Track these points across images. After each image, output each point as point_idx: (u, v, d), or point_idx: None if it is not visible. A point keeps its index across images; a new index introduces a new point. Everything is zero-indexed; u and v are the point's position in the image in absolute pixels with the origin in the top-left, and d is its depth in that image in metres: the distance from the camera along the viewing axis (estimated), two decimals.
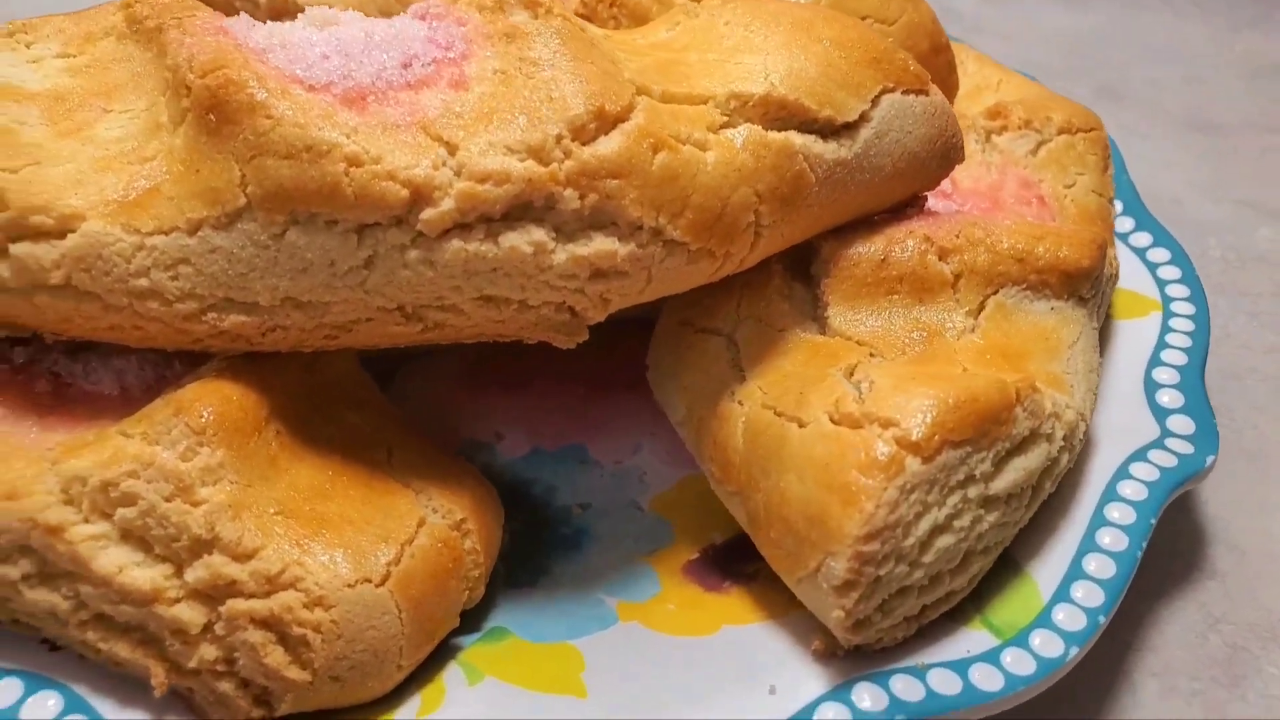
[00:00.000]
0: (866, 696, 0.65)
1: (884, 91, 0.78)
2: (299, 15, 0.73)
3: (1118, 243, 1.03)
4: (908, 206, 0.84)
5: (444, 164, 0.63)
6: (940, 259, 0.80)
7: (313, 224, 0.63)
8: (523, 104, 0.65)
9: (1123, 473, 0.81)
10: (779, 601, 0.74)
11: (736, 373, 0.78)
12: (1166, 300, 0.99)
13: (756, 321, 0.80)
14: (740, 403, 0.76)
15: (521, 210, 0.64)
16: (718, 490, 0.78)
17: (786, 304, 0.80)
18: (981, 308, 0.80)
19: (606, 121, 0.66)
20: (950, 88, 1.01)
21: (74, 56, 0.77)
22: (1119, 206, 1.07)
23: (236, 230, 0.63)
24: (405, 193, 0.62)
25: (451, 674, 0.69)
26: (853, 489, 0.64)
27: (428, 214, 0.63)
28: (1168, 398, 0.88)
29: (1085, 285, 0.82)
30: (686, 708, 0.66)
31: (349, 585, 0.62)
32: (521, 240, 0.64)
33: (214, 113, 0.63)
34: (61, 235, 0.64)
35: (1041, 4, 1.88)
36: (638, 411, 0.92)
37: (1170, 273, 1.02)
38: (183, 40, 0.68)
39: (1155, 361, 0.92)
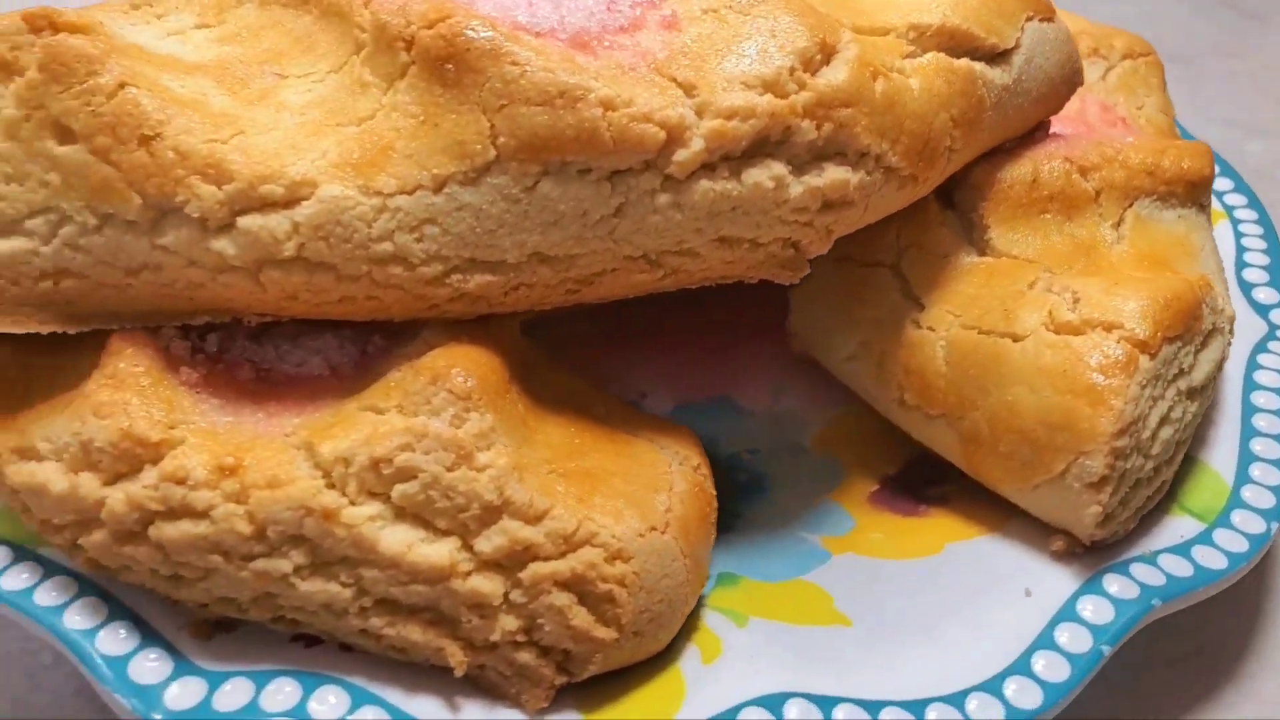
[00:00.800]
0: (1116, 585, 0.69)
1: (1028, 19, 0.81)
2: None
3: None
4: (1036, 132, 0.88)
5: (685, 104, 0.62)
6: (1083, 176, 0.84)
7: (565, 173, 0.61)
8: (745, 40, 0.65)
9: (1253, 364, 0.87)
10: (988, 516, 0.77)
11: (912, 301, 0.80)
12: (1229, 209, 1.06)
13: (919, 250, 0.82)
14: (931, 329, 0.78)
15: (759, 145, 0.64)
16: (910, 418, 0.79)
17: (945, 230, 0.83)
18: (1121, 220, 0.84)
19: (829, 52, 0.66)
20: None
21: (212, 27, 0.72)
22: None
23: (485, 184, 0.61)
24: (662, 134, 0.61)
25: (713, 620, 0.68)
26: (1099, 390, 0.67)
27: (680, 155, 0.62)
28: (1263, 295, 0.94)
29: (1205, 193, 0.88)
30: (956, 621, 0.68)
31: (640, 535, 0.61)
32: (764, 175, 0.64)
33: (451, 62, 0.60)
34: (292, 204, 0.60)
35: None
36: (768, 357, 0.93)
37: (1224, 183, 1.09)
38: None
39: (1241, 264, 0.98)
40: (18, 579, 0.65)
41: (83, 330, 0.65)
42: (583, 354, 0.94)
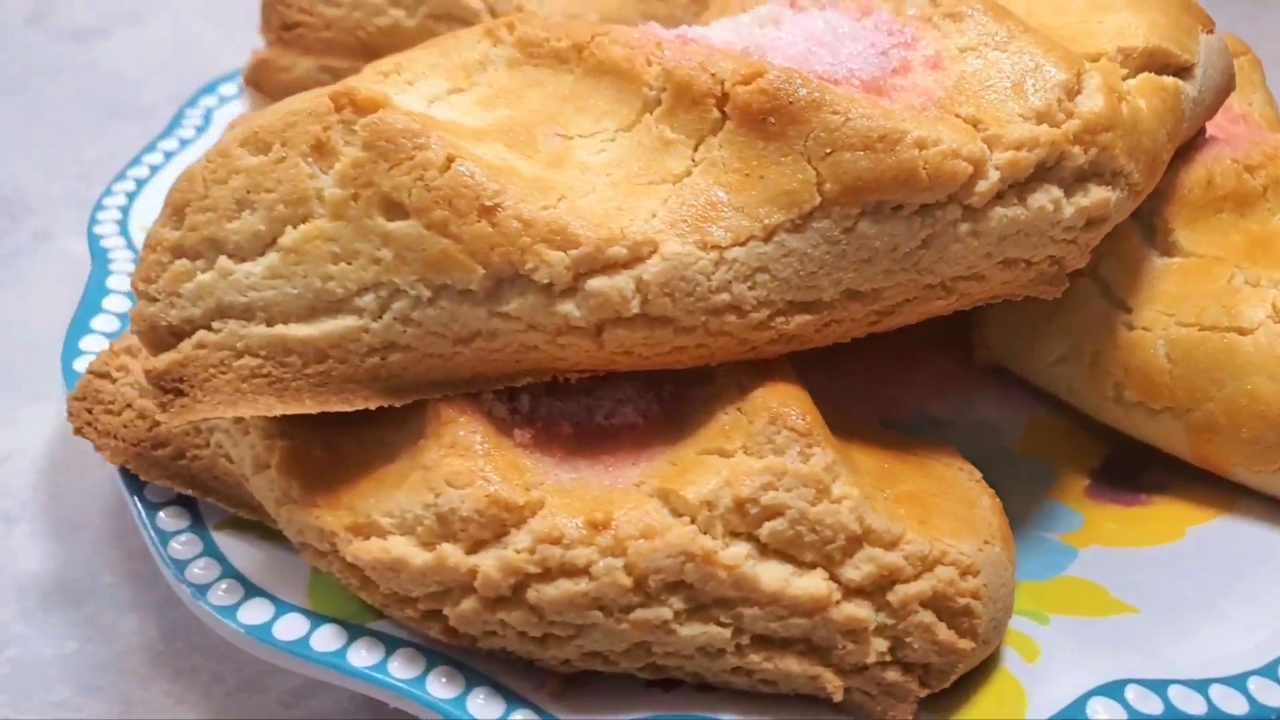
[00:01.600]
0: None
1: (1201, 33, 0.86)
2: (725, 25, 0.73)
3: None
4: (1196, 136, 0.94)
5: (978, 137, 0.66)
6: (1250, 174, 0.90)
7: (881, 212, 0.64)
8: (1010, 75, 0.69)
9: None
10: (1215, 498, 0.82)
11: (1117, 304, 0.85)
12: None
13: (1114, 257, 0.87)
14: (1145, 329, 0.83)
15: (1038, 172, 0.68)
16: (1129, 414, 0.84)
17: (1132, 236, 0.88)
18: None
19: (1081, 81, 0.70)
20: None
21: (465, 90, 0.73)
22: None
23: (811, 229, 0.64)
24: (970, 168, 0.64)
25: (1017, 622, 0.71)
26: None
27: (981, 186, 0.65)
28: None
29: None
30: (1240, 602, 0.73)
31: (979, 550, 0.64)
32: (1045, 199, 0.68)
33: (774, 115, 0.63)
34: (635, 264, 0.62)
35: None
36: (948, 372, 0.97)
37: None
38: (661, 55, 0.67)
39: None
40: (366, 657, 0.65)
41: (405, 402, 0.66)
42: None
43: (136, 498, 0.74)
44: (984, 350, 0.93)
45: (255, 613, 0.68)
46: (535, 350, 0.64)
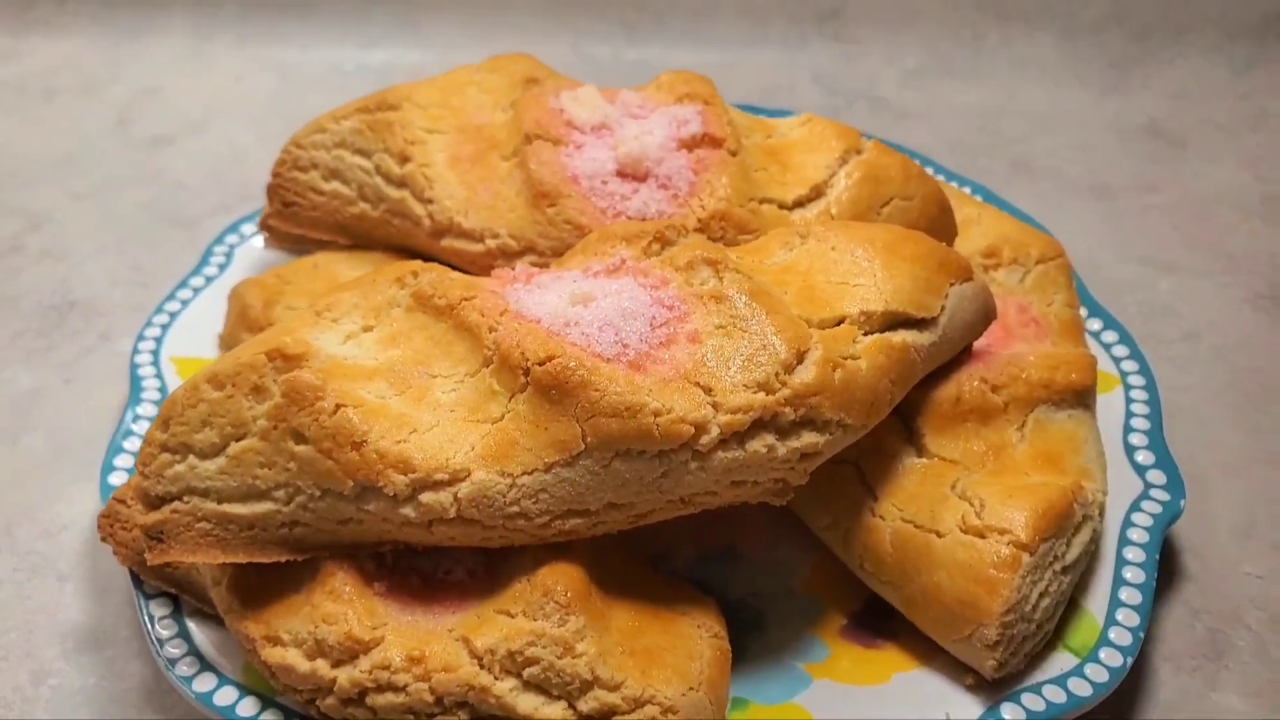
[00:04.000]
0: (1008, 712, 1.00)
1: (951, 285, 1.11)
2: (557, 289, 1.01)
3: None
4: (962, 354, 1.18)
5: (706, 403, 0.94)
6: (994, 392, 1.14)
7: (629, 455, 0.93)
8: (745, 351, 0.96)
9: (1128, 522, 1.17)
10: (924, 651, 1.08)
11: (868, 491, 1.11)
12: (1123, 375, 1.36)
13: (875, 451, 1.13)
14: (882, 517, 1.09)
15: (756, 425, 0.95)
16: (869, 579, 1.10)
17: (894, 435, 1.14)
18: (1024, 424, 1.15)
19: (801, 355, 0.97)
20: (953, 235, 1.36)
21: (373, 329, 1.03)
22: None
23: (578, 466, 0.92)
24: (692, 429, 0.92)
25: None
26: (993, 581, 0.99)
27: (704, 440, 0.93)
28: (1142, 457, 1.24)
29: (1090, 395, 1.18)
30: None
31: (683, 694, 0.93)
32: (760, 445, 0.95)
33: (555, 389, 0.92)
34: (454, 484, 0.92)
35: (945, 81, 2.22)
36: (767, 515, 1.23)
37: (1121, 351, 1.38)
38: (496, 328, 0.96)
39: (1128, 429, 1.29)
40: None
41: (306, 557, 0.97)
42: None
43: (137, 590, 1.08)
44: (789, 503, 1.19)
45: (205, 682, 1.00)
46: (389, 532, 0.95)
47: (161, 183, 1.84)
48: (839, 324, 1.03)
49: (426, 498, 0.92)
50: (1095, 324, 1.42)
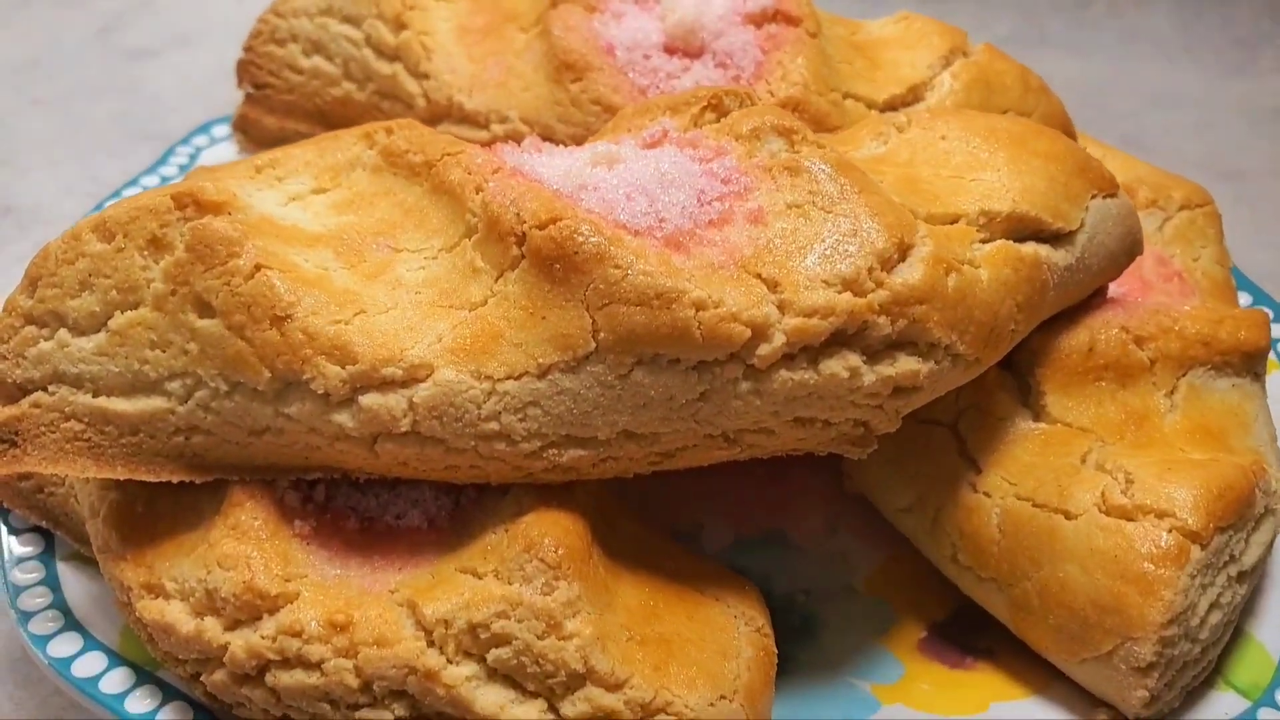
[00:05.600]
0: None
1: (1092, 198, 0.85)
2: (580, 150, 0.76)
3: None
4: (1093, 297, 0.92)
5: (769, 300, 0.68)
6: (1139, 346, 0.87)
7: (656, 364, 0.67)
8: (827, 238, 0.70)
9: None
10: (1034, 676, 0.81)
11: (969, 462, 0.84)
12: None
13: (978, 411, 0.86)
14: (987, 494, 0.82)
15: (836, 338, 0.69)
16: (962, 575, 0.83)
17: (1004, 393, 0.87)
18: (1175, 389, 0.87)
19: (905, 250, 0.71)
20: None
21: (328, 191, 0.79)
22: None
23: (585, 372, 0.66)
24: (748, 332, 0.66)
25: None
26: (1149, 579, 0.71)
27: (763, 349, 0.67)
28: None
29: (1261, 362, 0.91)
30: None
31: (711, 704, 0.66)
32: (839, 366, 0.69)
33: (560, 262, 0.66)
34: (409, 385, 0.66)
35: (1040, 50, 2.00)
36: (823, 493, 0.97)
37: (1278, 330, 1.11)
38: (484, 188, 0.71)
39: None
40: (140, 704, 0.71)
41: (207, 480, 0.71)
42: (640, 484, 0.99)
43: (1, 521, 0.82)
44: (849, 480, 0.93)
45: (64, 645, 0.75)
46: (319, 450, 0.69)
47: (138, 96, 1.65)
48: (953, 223, 0.77)
49: (370, 400, 0.66)
50: (1244, 298, 1.14)
